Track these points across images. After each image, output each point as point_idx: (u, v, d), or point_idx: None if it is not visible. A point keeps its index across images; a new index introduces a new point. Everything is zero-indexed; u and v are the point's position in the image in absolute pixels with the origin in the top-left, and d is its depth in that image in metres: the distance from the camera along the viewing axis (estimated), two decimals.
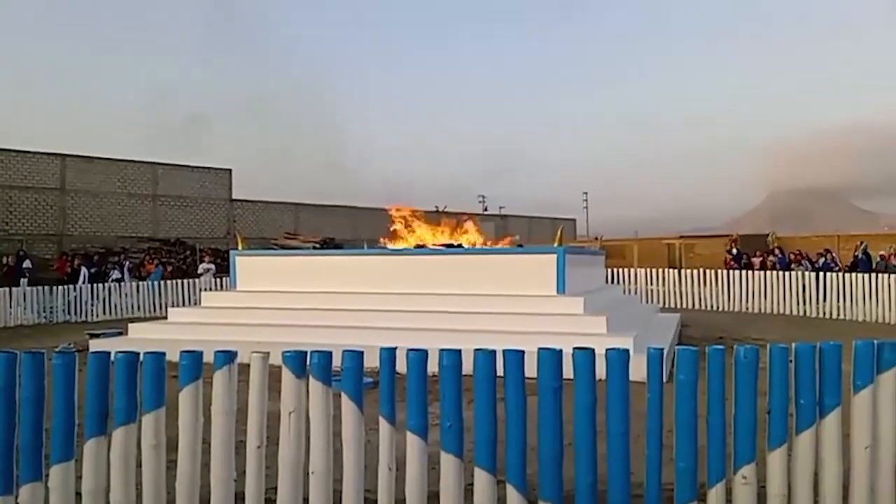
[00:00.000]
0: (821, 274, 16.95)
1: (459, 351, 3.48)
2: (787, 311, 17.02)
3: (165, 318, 12.09)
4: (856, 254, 20.01)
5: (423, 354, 3.47)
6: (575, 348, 3.46)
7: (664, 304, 18.67)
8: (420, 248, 11.77)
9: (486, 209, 47.25)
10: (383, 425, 3.47)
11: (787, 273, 17.69)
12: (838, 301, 16.08)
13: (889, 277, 15.35)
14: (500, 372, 3.42)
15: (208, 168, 30.13)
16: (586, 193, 57.80)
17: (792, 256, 20.85)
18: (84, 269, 19.65)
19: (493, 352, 3.43)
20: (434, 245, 12.13)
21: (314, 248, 13.85)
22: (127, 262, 22.30)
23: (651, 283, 19.82)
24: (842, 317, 15.84)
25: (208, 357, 3.47)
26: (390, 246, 12.67)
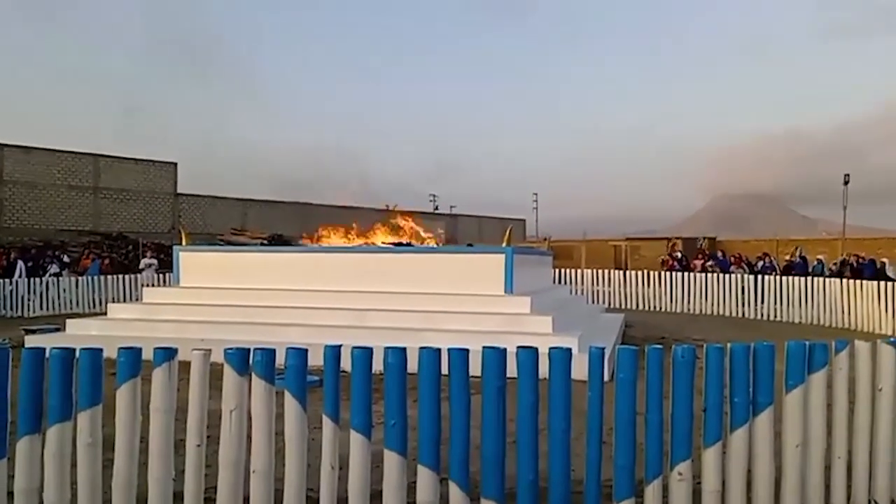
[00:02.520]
0: (759, 277, 17.47)
1: (404, 349, 3.48)
2: (727, 313, 17.49)
3: (105, 314, 11.77)
4: (792, 259, 20.70)
5: (367, 352, 3.46)
6: (519, 347, 3.50)
7: (609, 304, 19.00)
8: (369, 246, 11.72)
9: (436, 208, 47.26)
10: (327, 424, 3.45)
11: (726, 276, 18.18)
12: (775, 303, 16.60)
13: (823, 281, 15.91)
14: (445, 371, 3.44)
15: (153, 161, 29.43)
16: (536, 194, 58.28)
17: (732, 259, 21.44)
18: (20, 263, 18.98)
19: (438, 350, 3.45)
20: (383, 243, 12.09)
21: (262, 244, 13.66)
22: (65, 256, 21.62)
23: (597, 284, 20.14)
24: (779, 318, 16.36)
25: (148, 354, 3.41)
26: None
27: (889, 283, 14.14)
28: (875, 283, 14.47)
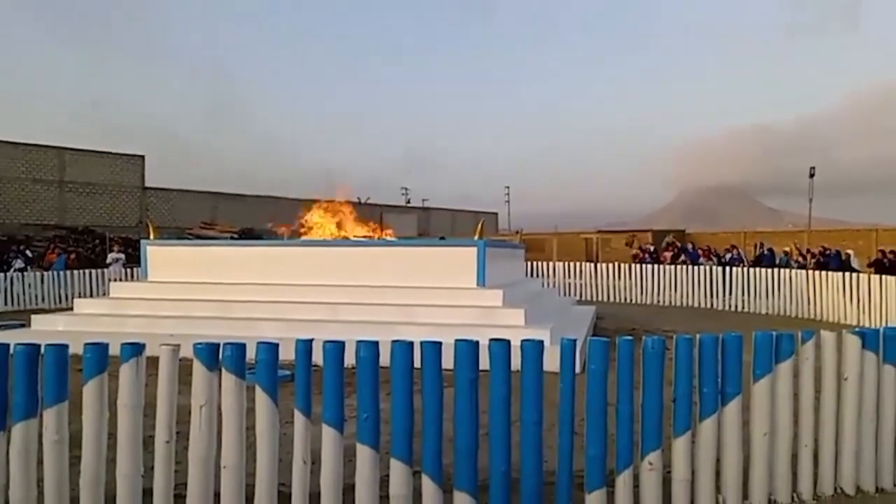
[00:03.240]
0: (727, 269, 17.71)
1: (376, 343, 3.47)
2: (696, 304, 17.71)
3: (71, 309, 11.57)
4: (760, 251, 21.01)
5: (339, 346, 3.45)
6: (491, 340, 3.51)
7: (581, 296, 19.13)
8: (340, 240, 11.67)
9: (409, 201, 47.17)
10: (298, 418, 3.43)
11: (695, 267, 18.40)
12: (743, 295, 16.84)
13: (790, 273, 16.19)
14: (418, 364, 3.43)
15: (120, 154, 28.93)
16: (508, 188, 58.49)
17: (701, 252, 21.70)
18: None
19: (411, 343, 3.44)
20: (355, 237, 12.04)
21: (232, 238, 13.52)
22: (28, 251, 21.19)
23: (569, 277, 20.25)
24: (747, 310, 16.60)
25: (115, 350, 3.35)
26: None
27: (854, 275, 14.43)
28: (840, 274, 14.75)
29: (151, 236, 12.07)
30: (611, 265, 19.94)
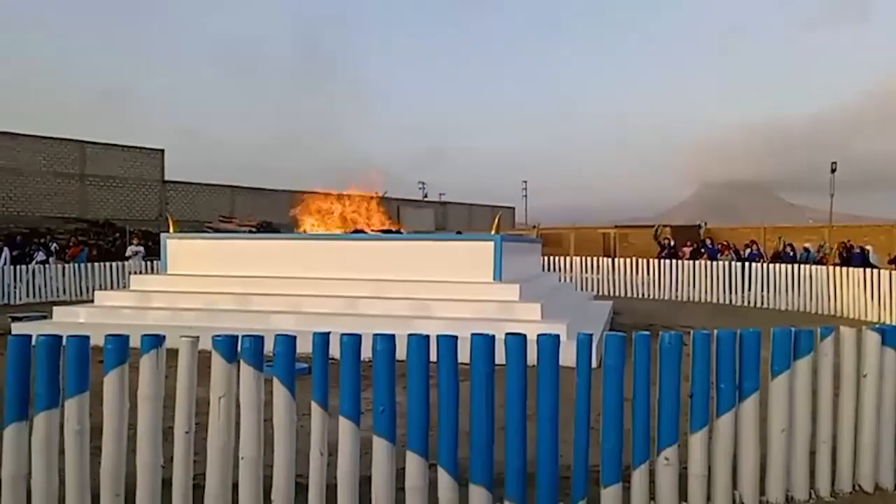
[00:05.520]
0: (747, 264, 17.56)
1: (393, 336, 3.49)
2: (715, 300, 17.58)
3: (92, 301, 11.70)
4: (779, 249, 20.78)
5: (356, 339, 3.46)
6: (507, 334, 3.51)
7: (598, 291, 19.05)
8: (357, 234, 11.70)
9: (426, 196, 47.19)
10: (316, 410, 3.46)
11: (714, 263, 18.26)
12: (763, 291, 16.69)
13: (810, 268, 16.02)
14: (434, 357, 3.45)
15: (140, 148, 29.20)
16: (525, 182, 58.42)
17: (720, 247, 21.53)
18: (6, 251, 18.83)
19: (427, 337, 3.45)
20: (372, 230, 12.07)
21: (250, 231, 13.60)
22: (53, 244, 21.46)
23: (586, 272, 20.18)
24: (766, 305, 16.46)
25: (135, 341, 3.39)
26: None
27: (875, 271, 14.24)
28: (861, 270, 14.57)
29: (171, 230, 12.18)
30: (629, 260, 19.83)
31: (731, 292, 17.40)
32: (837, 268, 15.46)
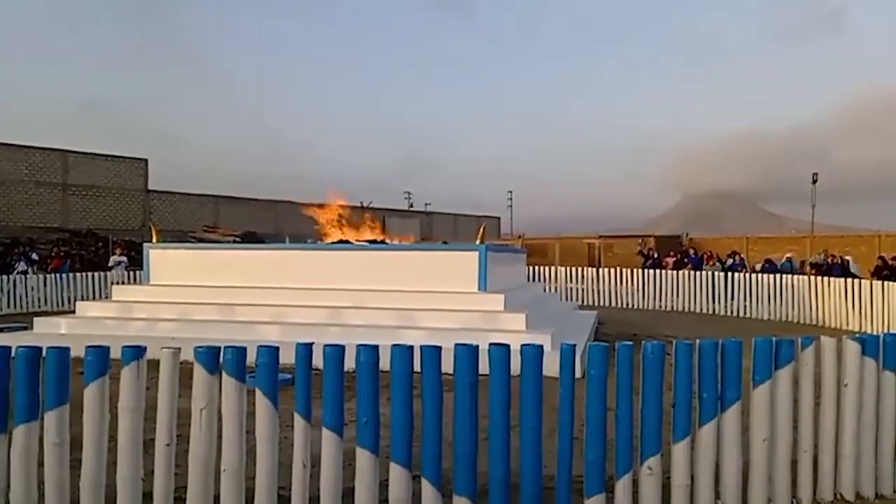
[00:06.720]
0: (729, 274, 17.69)
1: (376, 347, 3.48)
2: (698, 309, 17.70)
3: (74, 312, 11.59)
4: (765, 265, 20.96)
5: (339, 350, 3.46)
6: (491, 344, 3.51)
7: (583, 301, 19.12)
8: (342, 244, 11.68)
9: (411, 206, 47.19)
10: (298, 422, 3.44)
11: (698, 273, 18.38)
12: (745, 300, 16.83)
13: (792, 278, 16.16)
14: (418, 368, 3.44)
15: (123, 157, 28.99)
16: (510, 192, 58.59)
17: (705, 256, 21.68)
18: None
19: (411, 348, 3.45)
20: (357, 241, 12.05)
21: (234, 241, 13.54)
22: (34, 254, 21.23)
23: (571, 282, 20.25)
24: (748, 315, 16.58)
25: (117, 353, 3.36)
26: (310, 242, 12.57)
27: (855, 280, 14.39)
28: (842, 279, 14.72)
29: (154, 239, 12.10)
30: (613, 270, 19.92)
31: (714, 302, 17.52)
32: (818, 277, 15.61)
